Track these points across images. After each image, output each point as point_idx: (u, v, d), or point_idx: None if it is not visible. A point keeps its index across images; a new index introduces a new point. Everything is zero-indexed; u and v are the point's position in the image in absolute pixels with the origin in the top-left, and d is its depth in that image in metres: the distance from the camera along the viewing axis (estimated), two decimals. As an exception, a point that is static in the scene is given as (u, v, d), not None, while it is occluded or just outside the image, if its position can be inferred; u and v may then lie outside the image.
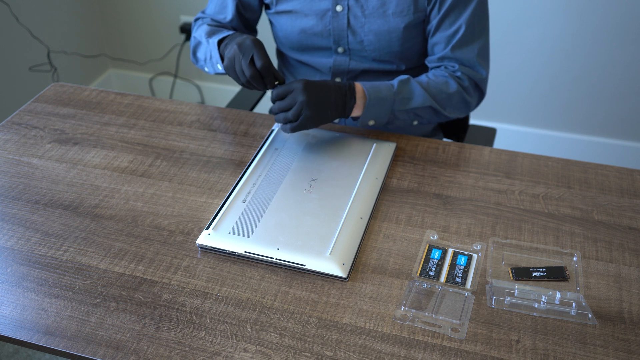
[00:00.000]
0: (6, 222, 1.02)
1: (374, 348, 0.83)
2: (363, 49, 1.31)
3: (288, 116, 1.11)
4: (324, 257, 0.94)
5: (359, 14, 1.27)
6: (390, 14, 1.25)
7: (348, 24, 1.28)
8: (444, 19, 1.24)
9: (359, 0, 1.26)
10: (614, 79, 2.32)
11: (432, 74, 1.27)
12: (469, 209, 1.06)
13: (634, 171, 1.15)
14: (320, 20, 1.29)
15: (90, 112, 1.30)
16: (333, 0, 1.27)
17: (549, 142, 2.52)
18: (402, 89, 1.21)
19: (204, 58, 1.30)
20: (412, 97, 1.21)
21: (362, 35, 1.29)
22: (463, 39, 1.25)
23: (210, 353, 0.82)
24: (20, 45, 2.36)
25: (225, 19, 1.36)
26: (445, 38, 1.26)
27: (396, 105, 1.20)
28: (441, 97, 1.24)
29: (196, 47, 1.34)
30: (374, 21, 1.27)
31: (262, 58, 1.09)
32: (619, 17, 2.19)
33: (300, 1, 1.29)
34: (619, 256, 0.98)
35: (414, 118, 1.25)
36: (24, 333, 0.85)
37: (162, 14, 2.68)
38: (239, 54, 1.10)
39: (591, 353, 0.83)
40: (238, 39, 1.13)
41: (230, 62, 1.12)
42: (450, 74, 1.26)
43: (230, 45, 1.14)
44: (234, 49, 1.11)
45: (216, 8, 1.37)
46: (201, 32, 1.30)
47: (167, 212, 1.04)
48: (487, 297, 0.90)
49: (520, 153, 1.20)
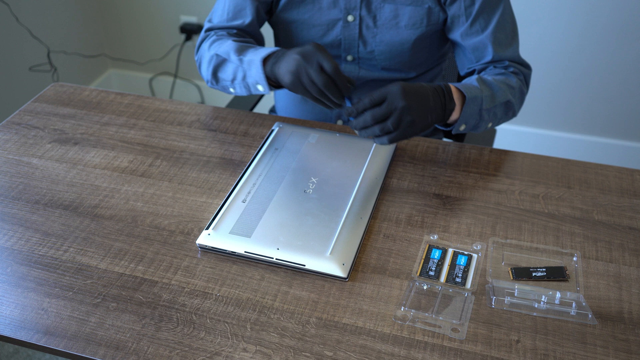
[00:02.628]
0: (6, 222, 1.02)
1: (374, 348, 0.83)
2: (373, 58, 1.29)
3: (387, 126, 0.99)
4: (324, 257, 0.94)
5: (370, 24, 1.25)
6: (402, 25, 1.24)
7: (360, 34, 1.26)
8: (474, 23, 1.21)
9: (372, 11, 1.24)
10: (613, 79, 2.32)
11: (487, 72, 1.23)
12: (469, 209, 1.06)
13: (634, 171, 1.15)
14: (330, 30, 1.27)
15: (90, 112, 1.30)
16: (344, 11, 1.25)
17: (549, 142, 2.52)
18: (483, 86, 1.14)
19: (231, 78, 1.20)
20: (494, 94, 1.15)
21: (374, 45, 1.27)
22: (505, 39, 1.22)
23: (210, 353, 0.82)
24: (20, 45, 2.36)
25: (243, 24, 1.27)
26: (484, 42, 1.22)
27: (484, 104, 1.14)
28: (511, 90, 1.19)
29: (219, 65, 1.22)
30: (386, 32, 1.25)
31: (330, 61, 1.00)
32: (619, 18, 2.19)
33: (309, 11, 1.26)
34: (619, 256, 0.98)
35: (492, 118, 1.18)
36: (24, 333, 0.85)
37: (162, 14, 2.68)
38: (304, 64, 1.01)
39: (591, 353, 0.83)
40: (295, 50, 1.03)
41: (295, 75, 1.02)
42: (504, 70, 1.23)
43: (285, 60, 1.04)
44: (296, 60, 1.01)
45: (229, 14, 1.28)
46: (225, 48, 1.18)
47: (167, 212, 1.04)
48: (487, 297, 0.90)
49: (520, 153, 1.20)
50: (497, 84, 1.17)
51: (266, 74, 1.11)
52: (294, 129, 1.22)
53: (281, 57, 1.08)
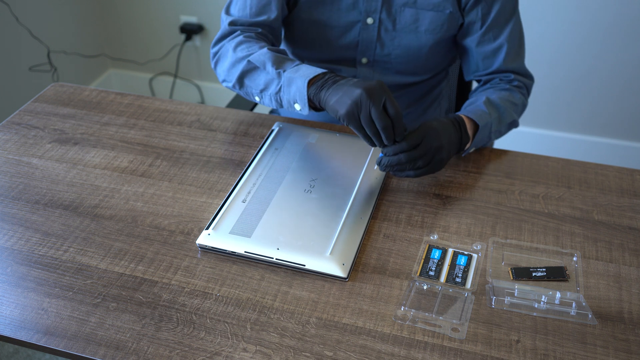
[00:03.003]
0: (6, 222, 1.02)
1: (374, 348, 0.83)
2: (389, 62, 1.29)
3: (419, 164, 1.02)
4: (324, 257, 0.94)
5: (390, 27, 1.25)
6: (422, 30, 1.23)
7: (378, 36, 1.26)
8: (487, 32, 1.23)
9: (392, 14, 1.23)
10: (614, 80, 2.32)
11: (491, 87, 1.26)
12: (469, 209, 1.06)
13: (634, 171, 1.15)
14: (348, 31, 1.26)
15: (90, 112, 1.30)
16: (364, 13, 1.24)
17: (549, 142, 2.52)
18: (491, 110, 1.17)
19: (261, 88, 1.13)
20: (501, 115, 1.18)
21: (391, 48, 1.27)
22: (514, 51, 1.25)
23: (210, 353, 0.82)
24: (20, 45, 2.36)
25: (268, 19, 1.23)
26: (494, 51, 1.24)
27: (493, 127, 1.17)
28: (515, 108, 1.23)
29: (248, 72, 1.15)
30: (405, 36, 1.25)
31: (395, 104, 0.97)
32: (620, 18, 2.19)
33: (327, 11, 1.25)
34: (619, 256, 0.98)
35: (497, 136, 1.21)
36: (24, 333, 0.85)
37: (162, 14, 2.68)
38: (368, 101, 0.96)
39: (591, 353, 0.83)
40: (358, 83, 0.99)
41: (354, 109, 0.97)
42: (509, 84, 1.25)
43: (345, 91, 0.99)
44: (360, 95, 0.96)
45: (252, 9, 1.23)
46: (260, 57, 1.12)
47: (167, 212, 1.04)
48: (487, 297, 0.90)
49: (520, 153, 1.20)
50: (503, 105, 1.20)
51: (308, 95, 1.06)
52: (294, 129, 1.22)
53: (336, 86, 1.02)
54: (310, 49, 1.33)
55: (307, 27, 1.29)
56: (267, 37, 1.25)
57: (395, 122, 0.98)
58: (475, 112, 1.16)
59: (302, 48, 1.34)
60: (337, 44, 1.29)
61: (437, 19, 1.22)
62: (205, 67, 2.77)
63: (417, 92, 1.39)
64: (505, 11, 1.23)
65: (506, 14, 1.23)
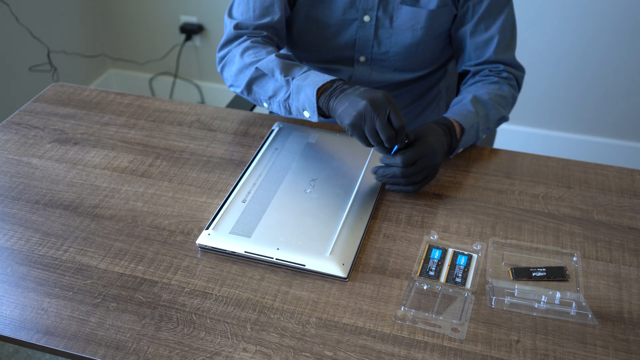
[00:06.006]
0: (6, 222, 1.02)
1: (374, 348, 0.83)
2: (387, 60, 1.29)
3: (415, 179, 1.04)
4: (324, 257, 0.94)
5: (387, 25, 1.25)
6: (419, 28, 1.24)
7: (375, 34, 1.26)
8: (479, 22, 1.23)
9: (388, 11, 1.23)
10: (614, 80, 2.32)
11: (480, 80, 1.26)
12: (469, 209, 1.06)
13: (634, 171, 1.15)
14: (345, 30, 1.26)
15: (90, 112, 1.30)
16: (361, 10, 1.24)
17: (549, 142, 2.52)
18: (478, 108, 1.17)
19: (270, 95, 1.14)
20: (489, 113, 1.19)
21: (388, 46, 1.27)
22: (505, 42, 1.25)
23: (210, 353, 0.82)
24: (20, 45, 2.36)
25: (272, 21, 1.23)
26: (486, 42, 1.24)
27: (480, 126, 1.17)
28: (504, 102, 1.22)
29: (256, 79, 1.15)
30: (402, 34, 1.25)
31: (399, 116, 0.99)
32: (620, 19, 2.19)
33: (325, 9, 1.25)
34: (619, 256, 0.98)
35: (486, 132, 1.21)
36: (24, 333, 0.85)
37: (162, 14, 2.68)
38: (372, 112, 0.97)
39: (591, 353, 0.83)
40: (363, 93, 1.00)
41: (360, 120, 0.99)
42: (497, 76, 1.25)
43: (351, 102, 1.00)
44: (365, 107, 0.98)
45: (256, 11, 1.22)
46: (268, 63, 1.13)
47: (167, 212, 1.04)
48: (487, 297, 0.90)
49: (520, 153, 1.20)
50: (491, 102, 1.20)
51: (318, 104, 1.06)
52: (294, 129, 1.22)
53: (343, 95, 1.03)
54: (308, 49, 1.33)
55: (305, 27, 1.29)
56: (273, 40, 1.25)
57: (399, 133, 1.00)
58: (461, 113, 1.16)
59: (300, 49, 1.34)
60: (334, 43, 1.29)
61: (433, 14, 1.23)
62: (205, 67, 2.77)
63: (415, 91, 1.39)
64: (498, 2, 1.23)
65: (499, 5, 1.23)
